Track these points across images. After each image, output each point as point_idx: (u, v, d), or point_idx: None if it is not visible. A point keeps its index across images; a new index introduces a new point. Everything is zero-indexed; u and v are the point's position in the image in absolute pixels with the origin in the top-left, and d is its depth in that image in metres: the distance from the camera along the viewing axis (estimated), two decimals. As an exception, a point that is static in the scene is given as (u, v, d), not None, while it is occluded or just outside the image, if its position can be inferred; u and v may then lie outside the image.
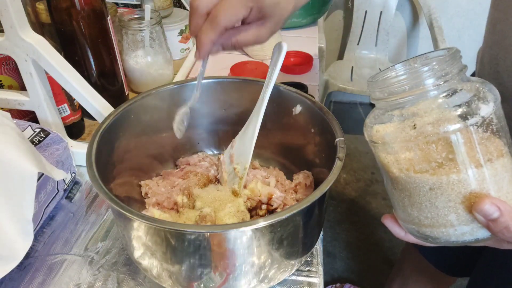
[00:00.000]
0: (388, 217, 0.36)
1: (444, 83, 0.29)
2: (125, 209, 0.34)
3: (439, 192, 0.29)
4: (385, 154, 0.32)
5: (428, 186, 0.30)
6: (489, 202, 0.28)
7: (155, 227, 0.34)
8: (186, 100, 0.53)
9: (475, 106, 0.28)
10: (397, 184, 0.32)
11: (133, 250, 0.40)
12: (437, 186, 0.29)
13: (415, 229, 0.33)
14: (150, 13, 0.71)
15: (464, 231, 0.30)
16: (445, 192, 0.29)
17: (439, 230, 0.31)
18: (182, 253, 0.36)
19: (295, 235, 0.38)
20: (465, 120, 0.28)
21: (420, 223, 0.32)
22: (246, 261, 0.37)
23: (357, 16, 1.90)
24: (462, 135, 0.28)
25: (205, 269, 0.37)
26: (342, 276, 1.35)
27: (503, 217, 0.28)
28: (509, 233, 0.29)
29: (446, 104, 0.29)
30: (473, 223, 0.30)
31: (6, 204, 0.38)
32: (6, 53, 0.49)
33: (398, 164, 0.31)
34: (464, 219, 0.30)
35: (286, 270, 0.41)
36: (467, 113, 0.28)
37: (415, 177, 0.30)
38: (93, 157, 0.40)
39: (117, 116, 0.46)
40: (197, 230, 0.34)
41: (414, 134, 0.29)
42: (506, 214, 0.28)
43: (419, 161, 0.30)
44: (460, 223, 0.30)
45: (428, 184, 0.30)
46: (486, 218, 0.29)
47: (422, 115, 0.29)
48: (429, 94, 0.29)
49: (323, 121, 0.46)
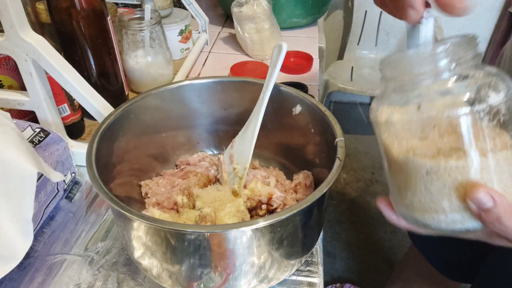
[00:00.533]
0: (383, 200, 0.35)
1: (456, 66, 0.28)
2: (125, 209, 0.34)
3: (435, 177, 0.29)
4: (387, 135, 0.32)
5: (425, 170, 0.29)
6: (484, 191, 0.28)
7: (155, 227, 0.34)
8: (186, 100, 0.53)
9: (484, 94, 0.28)
10: (395, 166, 0.32)
11: (133, 250, 0.40)
12: (434, 171, 0.29)
13: (407, 213, 0.33)
14: (150, 13, 0.71)
15: (455, 219, 0.30)
16: (441, 178, 0.29)
17: (430, 216, 0.31)
18: (182, 253, 0.36)
19: (295, 235, 0.38)
20: (472, 106, 0.27)
21: (413, 207, 0.31)
22: (246, 261, 0.37)
23: (357, 16, 1.90)
24: (466, 121, 0.28)
25: (205, 269, 0.37)
26: (342, 276, 1.35)
27: (496, 208, 0.28)
28: (500, 225, 0.28)
29: (455, 88, 0.28)
30: (465, 212, 0.29)
31: (6, 204, 0.38)
32: (6, 53, 0.49)
33: (398, 146, 0.31)
34: (457, 206, 0.29)
35: (286, 270, 0.41)
36: (475, 99, 0.27)
37: (413, 160, 0.30)
38: (93, 157, 0.40)
39: (117, 116, 0.46)
40: (197, 230, 0.34)
41: (418, 116, 0.29)
42: (500, 206, 0.28)
43: (420, 144, 0.30)
44: (452, 211, 0.30)
45: (425, 168, 0.29)
46: (479, 207, 0.28)
47: (428, 98, 0.29)
48: (439, 76, 0.29)
49: (323, 121, 0.46)
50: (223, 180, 0.51)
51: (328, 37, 1.20)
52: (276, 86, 0.50)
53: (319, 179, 0.49)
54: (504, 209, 0.28)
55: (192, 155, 0.57)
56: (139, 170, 0.52)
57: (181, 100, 0.53)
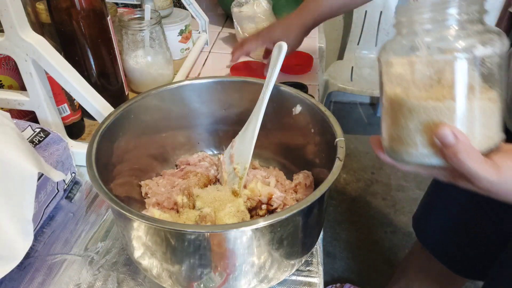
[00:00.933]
0: (375, 137, 0.38)
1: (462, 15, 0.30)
2: (125, 209, 0.34)
3: (415, 115, 0.32)
4: (385, 73, 0.34)
5: (408, 108, 0.32)
6: (449, 129, 0.30)
7: (155, 227, 0.34)
8: (186, 100, 0.53)
9: (473, 44, 0.30)
10: (386, 102, 0.35)
11: (133, 250, 0.40)
12: (415, 110, 0.32)
13: (389, 147, 0.35)
14: (150, 13, 0.71)
15: (424, 153, 0.33)
16: (420, 116, 0.32)
17: (405, 149, 0.33)
18: (182, 253, 0.36)
19: (295, 235, 0.38)
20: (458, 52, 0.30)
21: (393, 140, 0.34)
22: (246, 261, 0.37)
23: (357, 16, 1.90)
24: (457, 66, 0.30)
25: (205, 269, 0.37)
26: (342, 276, 1.35)
27: (457, 145, 0.30)
28: (458, 161, 0.30)
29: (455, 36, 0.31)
30: (432, 147, 0.32)
31: (6, 204, 0.38)
32: (6, 53, 0.49)
33: (390, 83, 0.34)
34: (426, 142, 0.32)
35: (286, 270, 0.41)
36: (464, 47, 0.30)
37: (400, 97, 0.32)
38: (93, 157, 0.40)
39: (117, 116, 0.46)
40: (197, 230, 0.34)
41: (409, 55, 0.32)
42: (461, 144, 0.30)
43: (406, 81, 0.32)
44: (422, 146, 0.32)
45: (408, 106, 0.32)
46: (442, 142, 0.30)
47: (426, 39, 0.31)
48: (445, 22, 0.31)
49: (323, 121, 0.46)
50: (223, 180, 0.51)
51: (328, 37, 1.20)
52: (276, 86, 0.50)
53: (319, 179, 0.49)
54: (464, 148, 0.30)
55: (192, 155, 0.57)
56: (139, 170, 0.52)
57: (181, 100, 0.53)
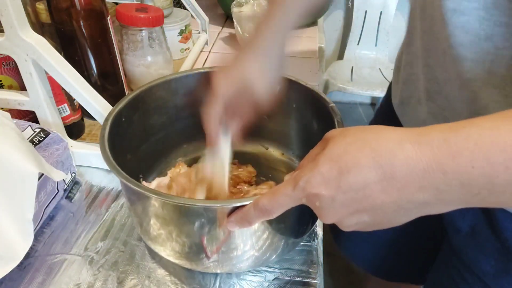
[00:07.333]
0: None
1: None
2: (141, 187, 0.36)
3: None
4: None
5: None
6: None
7: (169, 202, 0.36)
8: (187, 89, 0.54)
9: None
10: None
11: (149, 228, 0.41)
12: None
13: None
14: (150, 13, 0.71)
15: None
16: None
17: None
18: (191, 226, 0.37)
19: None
20: None
21: None
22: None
23: (357, 16, 1.90)
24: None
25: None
26: (342, 276, 1.35)
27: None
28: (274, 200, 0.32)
29: None
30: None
31: (6, 204, 0.38)
32: (6, 53, 0.49)
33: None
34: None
35: (288, 244, 0.42)
36: None
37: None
38: (106, 138, 0.41)
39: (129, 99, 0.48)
40: (207, 204, 0.36)
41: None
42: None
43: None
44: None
45: None
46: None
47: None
48: None
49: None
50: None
51: (328, 37, 1.20)
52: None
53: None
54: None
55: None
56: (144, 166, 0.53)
57: (189, 88, 0.54)
